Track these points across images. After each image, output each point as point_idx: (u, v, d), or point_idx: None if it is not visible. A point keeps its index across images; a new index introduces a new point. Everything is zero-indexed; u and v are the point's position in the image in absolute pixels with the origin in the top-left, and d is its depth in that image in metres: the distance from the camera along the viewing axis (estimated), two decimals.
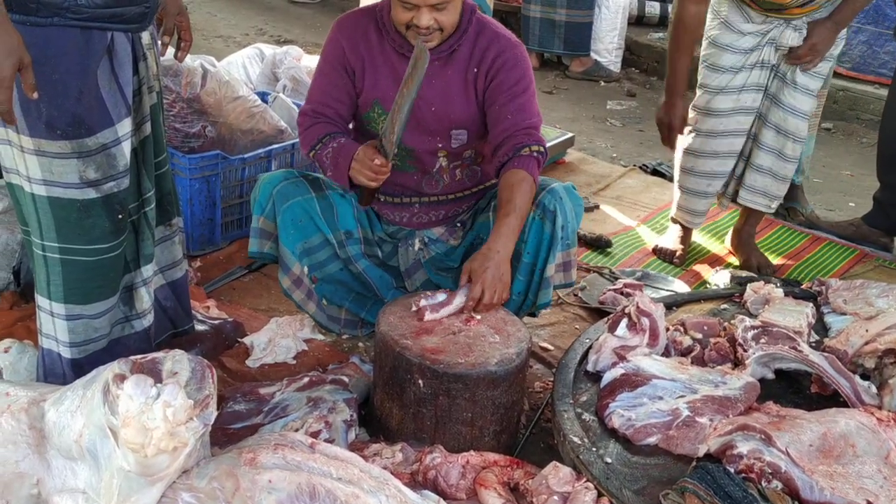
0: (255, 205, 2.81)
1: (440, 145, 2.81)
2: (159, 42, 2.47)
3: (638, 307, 2.63)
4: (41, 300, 2.33)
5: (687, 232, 3.84)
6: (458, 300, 2.57)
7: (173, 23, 2.56)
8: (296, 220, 2.78)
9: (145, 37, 2.29)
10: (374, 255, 2.96)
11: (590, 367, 2.60)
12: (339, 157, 2.70)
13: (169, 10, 2.54)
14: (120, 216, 2.28)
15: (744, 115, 3.51)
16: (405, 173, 2.86)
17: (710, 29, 3.48)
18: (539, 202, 2.71)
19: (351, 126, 2.89)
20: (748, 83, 3.47)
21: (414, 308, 2.56)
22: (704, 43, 3.52)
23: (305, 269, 2.84)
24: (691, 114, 3.56)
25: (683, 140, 3.62)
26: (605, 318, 2.80)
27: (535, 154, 2.67)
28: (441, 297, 2.58)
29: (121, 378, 1.88)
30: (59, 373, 2.36)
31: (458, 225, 2.98)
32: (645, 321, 2.62)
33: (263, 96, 3.96)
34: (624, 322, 2.64)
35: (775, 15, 3.34)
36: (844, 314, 2.89)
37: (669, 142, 3.56)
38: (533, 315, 3.01)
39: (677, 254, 3.79)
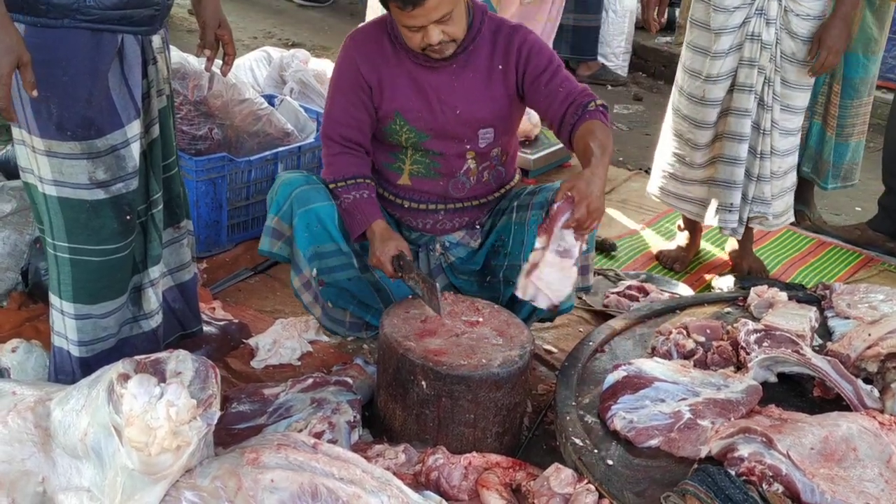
0: (272, 204, 2.82)
1: (468, 147, 2.83)
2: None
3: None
4: (53, 298, 2.35)
5: (692, 239, 3.83)
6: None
7: (213, 35, 2.54)
8: (311, 225, 2.79)
9: (156, 40, 2.31)
10: None
11: (519, 294, 2.46)
12: (355, 213, 2.78)
13: (209, 23, 2.52)
14: (128, 217, 2.30)
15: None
16: (431, 180, 2.87)
17: (696, 11, 3.41)
18: None
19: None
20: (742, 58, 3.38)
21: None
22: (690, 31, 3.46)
23: (314, 271, 2.86)
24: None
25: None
26: (609, 321, 2.82)
27: (600, 108, 2.69)
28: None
29: (125, 377, 1.90)
30: (68, 371, 2.38)
31: (478, 227, 2.99)
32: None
33: (270, 99, 3.98)
34: None
35: None
36: (848, 318, 2.89)
37: (646, 21, 3.56)
38: (551, 319, 3.02)
39: (678, 261, 3.79)
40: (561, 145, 4.53)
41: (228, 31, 2.58)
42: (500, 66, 2.76)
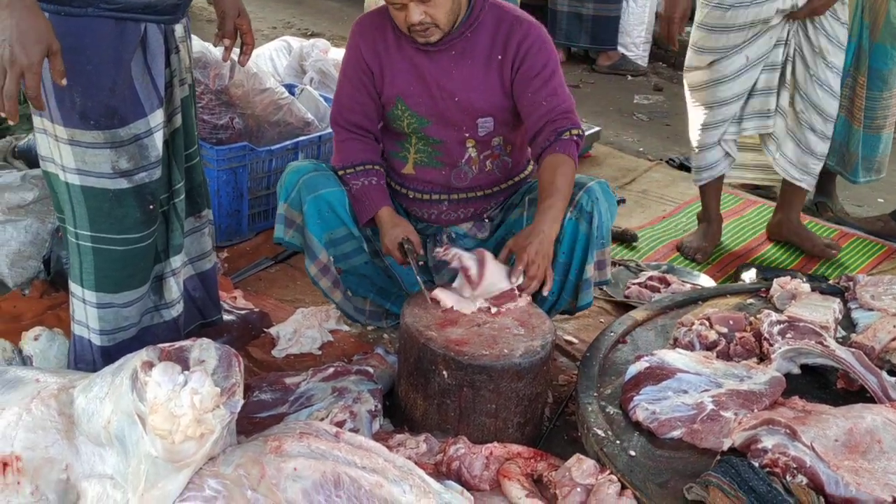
0: (281, 192, 2.82)
1: (467, 135, 2.81)
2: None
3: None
4: (74, 287, 2.36)
5: (714, 230, 3.81)
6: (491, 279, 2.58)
7: (233, 24, 2.53)
8: (322, 211, 2.79)
9: (178, 29, 2.31)
10: None
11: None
12: (363, 199, 2.80)
13: (228, 13, 2.51)
14: (151, 206, 2.30)
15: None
16: (433, 169, 2.87)
17: None
18: (576, 202, 2.71)
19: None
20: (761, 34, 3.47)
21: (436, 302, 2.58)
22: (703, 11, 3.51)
23: (331, 258, 2.86)
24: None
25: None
26: (630, 311, 2.80)
27: (574, 138, 2.70)
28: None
29: (149, 365, 1.90)
30: (88, 359, 2.39)
31: (487, 220, 2.98)
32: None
33: (290, 88, 3.98)
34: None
35: None
36: (872, 310, 2.87)
37: (669, 36, 3.63)
38: (571, 313, 3.01)
39: (700, 252, 3.77)
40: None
41: (247, 20, 2.56)
42: (500, 57, 2.74)
